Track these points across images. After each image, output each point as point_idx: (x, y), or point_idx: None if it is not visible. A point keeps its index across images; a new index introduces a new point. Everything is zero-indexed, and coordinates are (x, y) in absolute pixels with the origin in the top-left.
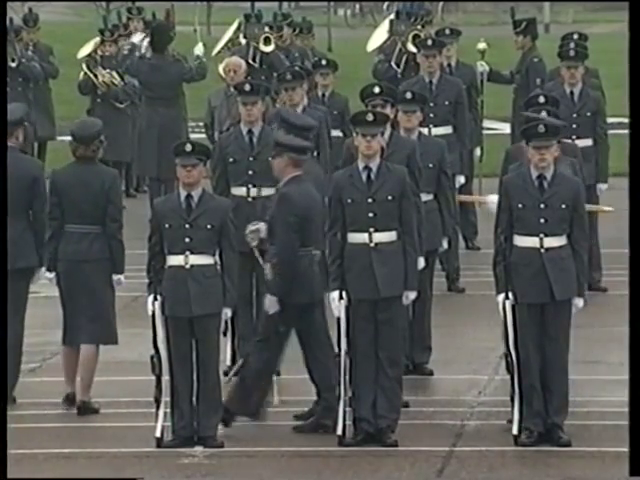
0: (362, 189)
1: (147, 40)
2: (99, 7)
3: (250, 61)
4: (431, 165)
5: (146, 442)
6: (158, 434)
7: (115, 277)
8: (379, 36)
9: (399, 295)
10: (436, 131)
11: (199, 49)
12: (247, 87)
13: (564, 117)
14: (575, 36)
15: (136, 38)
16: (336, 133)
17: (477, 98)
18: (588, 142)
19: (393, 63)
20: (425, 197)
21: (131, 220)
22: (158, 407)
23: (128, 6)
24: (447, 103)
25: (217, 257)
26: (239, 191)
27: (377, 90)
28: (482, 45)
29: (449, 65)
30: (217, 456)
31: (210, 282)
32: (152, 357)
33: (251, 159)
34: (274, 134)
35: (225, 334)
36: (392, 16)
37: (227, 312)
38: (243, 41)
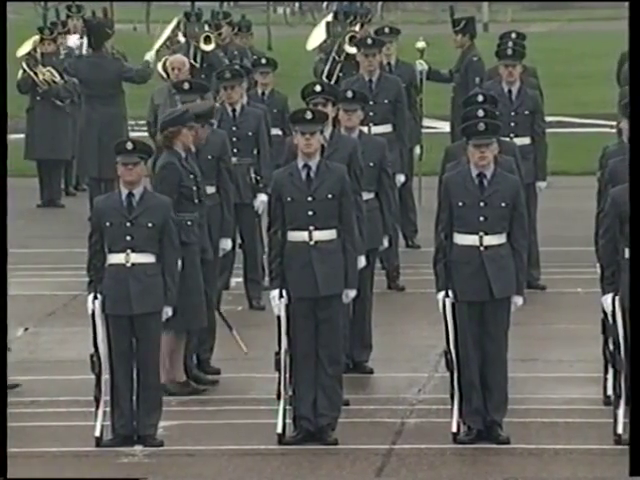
0: (302, 187)
1: (85, 39)
2: (37, 5)
3: (192, 61)
4: (372, 164)
5: (85, 441)
6: (97, 433)
7: None
8: (318, 35)
9: (339, 293)
10: (376, 130)
11: (150, 56)
12: (186, 86)
13: (502, 115)
14: (513, 35)
15: (72, 42)
16: (276, 132)
17: (416, 97)
18: (526, 140)
19: (325, 77)
20: (366, 196)
21: (71, 219)
22: (98, 406)
23: (68, 4)
24: (387, 102)
25: (158, 255)
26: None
27: (318, 88)
28: (421, 44)
29: (389, 64)
30: (157, 455)
31: (151, 280)
32: (92, 356)
33: None
34: None
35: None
36: (329, 17)
37: (168, 311)
38: (182, 39)
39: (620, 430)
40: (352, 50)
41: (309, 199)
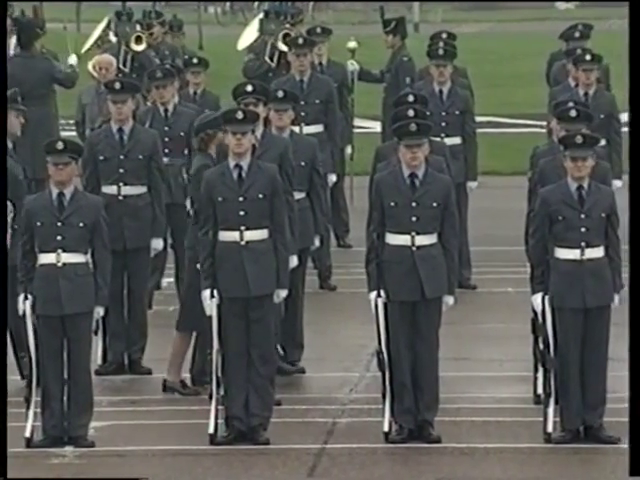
0: (233, 187)
1: (14, 38)
2: None
3: (121, 66)
4: (303, 163)
5: (16, 442)
6: (28, 434)
7: None
8: (249, 35)
9: (270, 293)
10: (307, 129)
11: (73, 59)
12: (117, 85)
13: (433, 115)
14: (444, 35)
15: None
16: None
17: (348, 97)
18: (457, 140)
19: (267, 57)
20: (297, 195)
21: None
22: (28, 407)
23: None
24: (318, 102)
25: (89, 255)
26: (110, 189)
27: (250, 88)
28: (352, 44)
29: (320, 64)
30: (87, 456)
31: (82, 280)
32: (22, 356)
33: (122, 157)
34: None
35: (97, 333)
36: (261, 15)
37: (99, 311)
38: (113, 39)
39: (550, 429)
40: (284, 48)
41: (240, 199)
